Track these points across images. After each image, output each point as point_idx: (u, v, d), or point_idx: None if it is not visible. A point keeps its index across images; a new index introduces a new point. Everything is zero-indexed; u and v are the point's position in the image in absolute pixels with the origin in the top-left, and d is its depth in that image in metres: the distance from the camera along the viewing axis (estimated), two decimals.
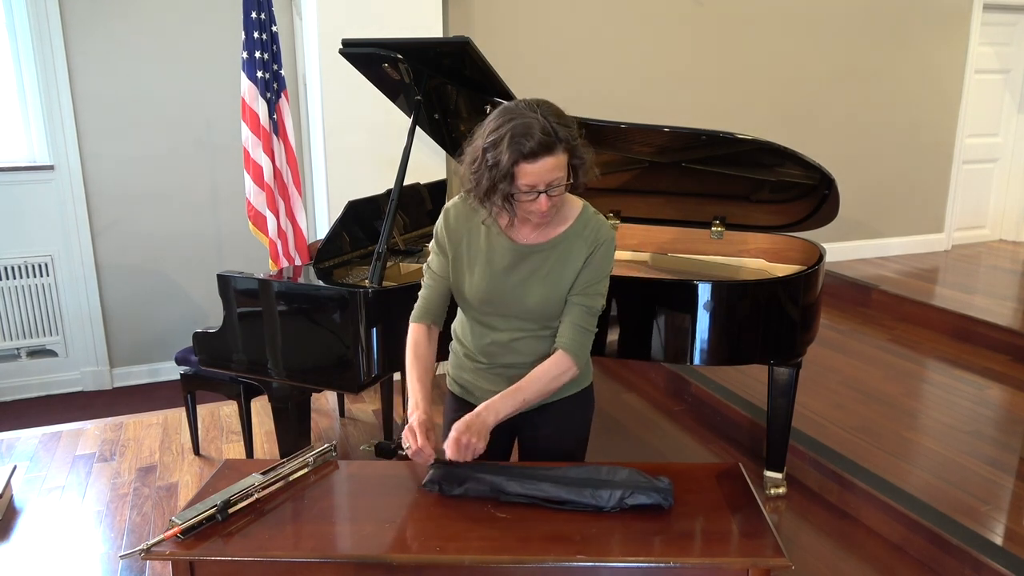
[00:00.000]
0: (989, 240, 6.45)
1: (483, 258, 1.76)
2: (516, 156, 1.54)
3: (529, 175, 1.56)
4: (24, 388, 4.40)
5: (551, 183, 1.58)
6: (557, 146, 1.56)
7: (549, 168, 1.56)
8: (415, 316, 1.86)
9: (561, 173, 1.59)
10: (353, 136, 3.94)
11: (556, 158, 1.57)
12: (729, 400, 3.54)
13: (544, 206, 1.61)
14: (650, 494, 1.57)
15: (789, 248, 3.14)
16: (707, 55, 5.07)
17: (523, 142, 1.53)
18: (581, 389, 1.90)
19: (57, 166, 4.21)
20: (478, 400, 1.86)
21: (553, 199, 1.61)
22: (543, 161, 1.55)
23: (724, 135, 2.70)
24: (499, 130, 1.57)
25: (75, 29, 4.11)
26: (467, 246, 1.77)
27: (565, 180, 1.61)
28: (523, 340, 1.79)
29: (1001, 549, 2.42)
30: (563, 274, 1.74)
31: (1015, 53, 6.13)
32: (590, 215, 1.78)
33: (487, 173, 1.59)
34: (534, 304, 1.75)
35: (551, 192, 1.60)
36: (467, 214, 1.77)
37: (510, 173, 1.56)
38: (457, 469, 1.65)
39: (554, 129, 1.56)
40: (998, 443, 3.14)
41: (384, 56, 2.78)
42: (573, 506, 1.57)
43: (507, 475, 1.63)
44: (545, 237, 1.75)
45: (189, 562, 1.46)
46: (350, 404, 3.93)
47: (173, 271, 4.53)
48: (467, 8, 4.40)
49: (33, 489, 3.11)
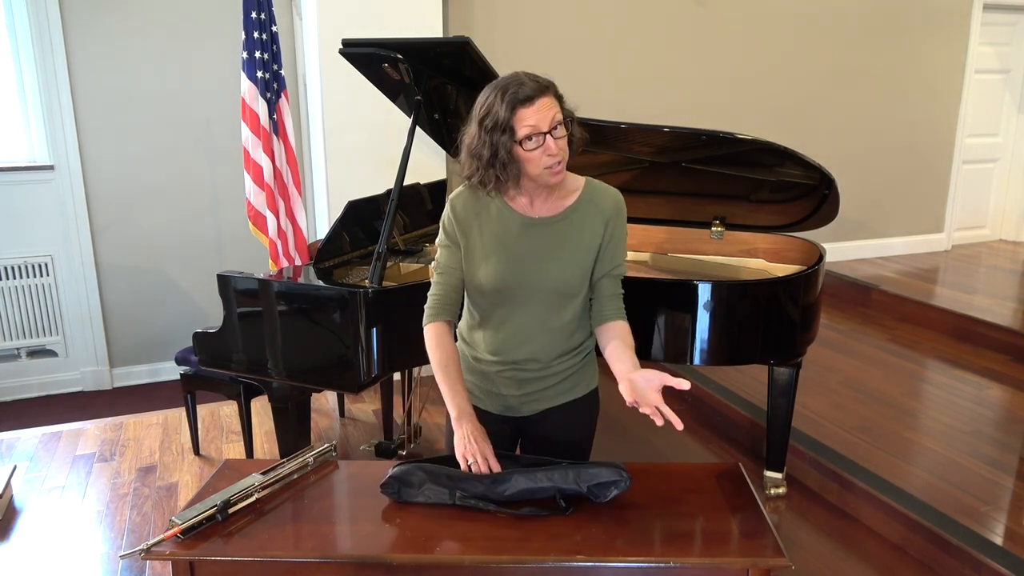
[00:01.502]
0: (989, 240, 6.45)
1: (497, 241, 1.73)
2: (512, 103, 1.57)
3: (529, 117, 1.57)
4: (24, 388, 4.40)
5: (553, 123, 1.59)
6: (548, 89, 1.60)
7: (547, 107, 1.58)
8: (432, 315, 1.79)
9: (559, 115, 1.61)
10: (353, 136, 3.94)
11: (550, 99, 1.60)
12: (729, 400, 3.54)
13: (554, 147, 1.59)
14: (607, 471, 1.59)
15: (789, 248, 3.14)
16: (707, 55, 5.07)
17: (517, 90, 1.57)
18: (588, 392, 1.89)
19: (57, 166, 4.21)
20: (480, 402, 1.86)
21: (560, 141, 1.61)
22: (540, 102, 1.57)
23: (724, 135, 2.70)
24: (488, 97, 1.61)
25: (75, 29, 4.11)
26: (479, 232, 1.74)
27: (563, 123, 1.62)
28: (535, 334, 1.76)
29: (1001, 549, 2.42)
30: (580, 246, 1.73)
31: (1015, 53, 6.13)
32: (595, 183, 1.79)
33: (488, 139, 1.59)
34: (554, 280, 1.72)
35: (555, 135, 1.60)
36: (473, 201, 1.75)
37: (510, 126, 1.57)
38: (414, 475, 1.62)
39: (538, 77, 1.61)
40: (998, 443, 3.14)
41: (384, 56, 2.78)
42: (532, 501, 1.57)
43: (464, 476, 1.62)
44: (556, 209, 1.74)
45: (189, 562, 1.46)
46: (350, 404, 3.93)
47: (173, 271, 4.53)
48: (467, 8, 4.40)
49: (33, 489, 3.11)
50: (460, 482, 1.61)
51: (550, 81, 1.63)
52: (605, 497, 1.58)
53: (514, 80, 1.59)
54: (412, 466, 1.64)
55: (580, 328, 1.82)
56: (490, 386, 1.84)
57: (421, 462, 1.66)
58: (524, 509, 1.57)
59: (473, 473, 1.62)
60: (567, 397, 1.85)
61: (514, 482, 1.59)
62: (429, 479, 1.62)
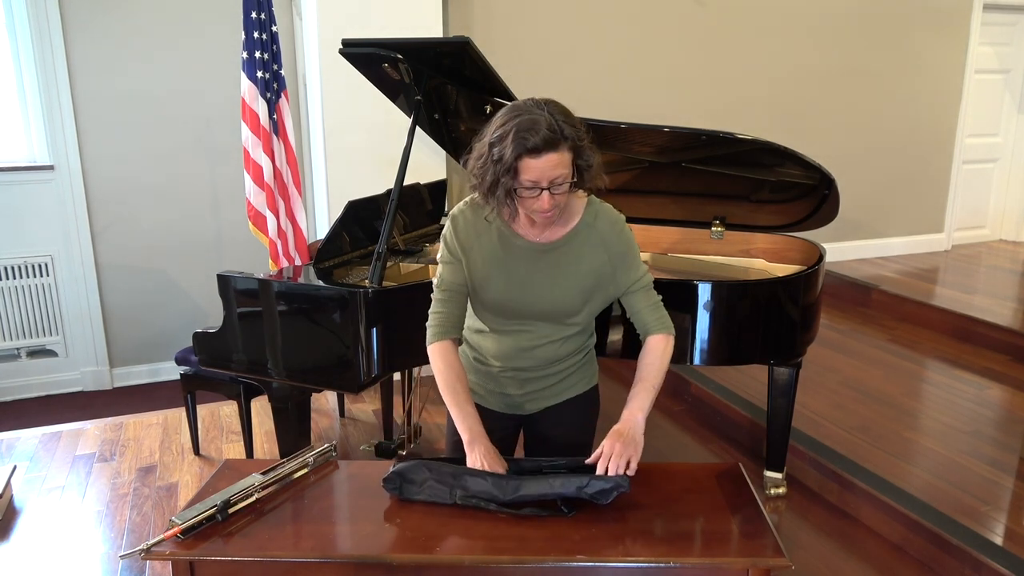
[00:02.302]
0: (989, 240, 6.45)
1: (498, 261, 1.74)
2: (520, 150, 1.53)
3: (532, 170, 1.55)
4: (24, 388, 4.40)
5: (554, 180, 1.56)
6: (562, 143, 1.55)
7: (552, 164, 1.55)
8: (436, 335, 1.77)
9: (564, 171, 1.57)
10: (353, 136, 3.94)
11: (560, 155, 1.55)
12: (729, 400, 3.54)
13: (546, 204, 1.58)
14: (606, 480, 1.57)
15: (789, 248, 3.14)
16: (707, 55, 5.07)
17: (527, 137, 1.53)
18: (587, 389, 1.92)
19: (57, 166, 4.21)
20: (482, 400, 1.86)
21: (556, 198, 1.59)
22: (546, 157, 1.54)
23: (724, 135, 2.70)
24: (505, 126, 1.56)
25: (75, 29, 4.11)
26: (479, 250, 1.74)
27: (569, 180, 1.59)
28: (541, 347, 1.79)
29: (1001, 549, 2.42)
30: (580, 270, 1.74)
31: (1015, 53, 6.13)
32: (597, 205, 1.78)
33: (491, 168, 1.57)
34: (552, 303, 1.74)
35: (554, 190, 1.58)
36: (475, 219, 1.75)
37: (513, 167, 1.55)
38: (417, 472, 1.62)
39: (560, 127, 1.54)
40: (998, 443, 3.14)
41: (384, 56, 2.78)
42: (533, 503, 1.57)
43: (468, 473, 1.61)
44: (557, 235, 1.74)
45: (189, 562, 1.46)
46: (350, 404, 3.93)
47: (173, 271, 4.53)
48: (467, 8, 4.40)
49: (33, 489, 3.11)
50: (463, 480, 1.60)
51: (572, 132, 1.57)
52: (607, 500, 1.58)
53: (532, 124, 1.53)
54: (416, 463, 1.64)
55: (583, 333, 1.85)
56: (493, 385, 1.87)
57: (426, 460, 1.66)
58: (525, 509, 1.56)
59: (477, 471, 1.62)
60: (568, 394, 1.88)
61: (518, 486, 1.59)
62: (432, 476, 1.61)
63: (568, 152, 1.57)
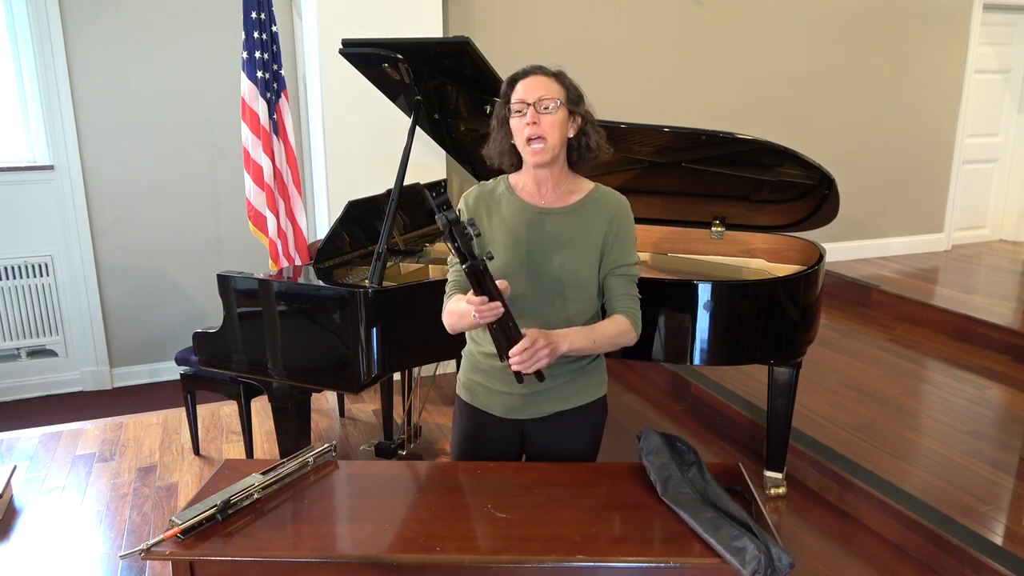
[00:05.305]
0: (989, 240, 6.45)
1: (505, 228, 1.79)
2: (513, 79, 1.76)
3: (520, 91, 1.73)
4: (24, 388, 4.40)
5: (541, 98, 1.69)
6: (545, 70, 1.75)
7: (540, 84, 1.72)
8: (449, 297, 1.84)
9: (551, 95, 1.71)
10: (353, 136, 3.94)
11: (547, 80, 1.73)
12: (729, 400, 3.54)
13: (532, 118, 1.69)
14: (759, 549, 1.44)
15: (789, 248, 3.14)
16: (707, 55, 5.07)
17: (520, 69, 1.77)
18: (596, 398, 1.89)
19: (57, 166, 4.21)
20: (484, 405, 1.86)
21: (545, 117, 1.69)
22: (533, 78, 1.73)
23: (724, 135, 2.70)
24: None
25: (75, 29, 4.11)
26: (487, 221, 1.81)
27: (556, 107, 1.70)
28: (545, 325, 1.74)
29: (1001, 549, 2.42)
30: (587, 241, 1.78)
31: (1015, 53, 6.13)
32: (603, 188, 1.86)
33: (497, 112, 1.77)
34: (561, 269, 1.76)
35: (539, 109, 1.69)
36: (484, 194, 1.85)
37: (507, 96, 1.75)
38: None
39: (550, 68, 1.76)
40: (998, 443, 3.14)
41: (384, 56, 2.79)
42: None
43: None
44: (564, 201, 1.81)
45: (189, 562, 1.46)
46: (350, 404, 3.93)
47: (173, 271, 4.53)
48: (467, 8, 4.40)
49: (33, 489, 3.11)
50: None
51: (559, 70, 1.77)
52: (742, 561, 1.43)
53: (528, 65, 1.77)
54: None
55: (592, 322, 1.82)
56: (493, 383, 1.85)
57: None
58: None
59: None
60: (571, 403, 1.85)
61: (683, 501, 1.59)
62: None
63: (556, 84, 1.73)
